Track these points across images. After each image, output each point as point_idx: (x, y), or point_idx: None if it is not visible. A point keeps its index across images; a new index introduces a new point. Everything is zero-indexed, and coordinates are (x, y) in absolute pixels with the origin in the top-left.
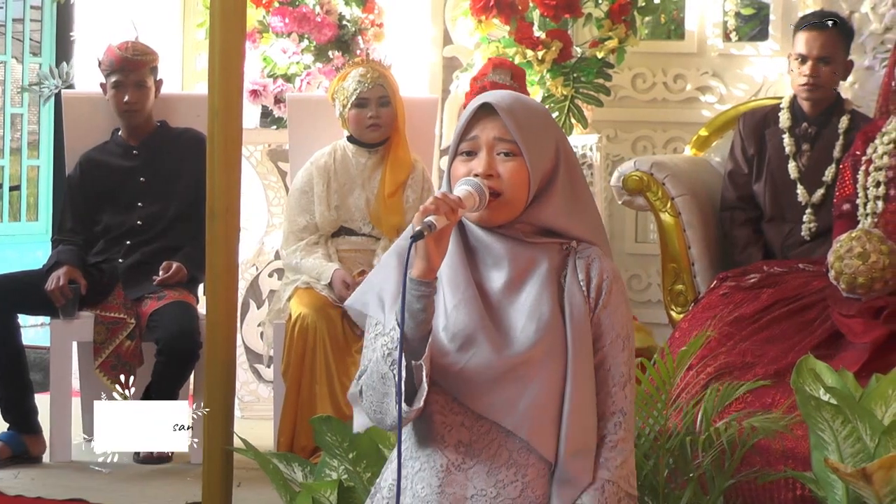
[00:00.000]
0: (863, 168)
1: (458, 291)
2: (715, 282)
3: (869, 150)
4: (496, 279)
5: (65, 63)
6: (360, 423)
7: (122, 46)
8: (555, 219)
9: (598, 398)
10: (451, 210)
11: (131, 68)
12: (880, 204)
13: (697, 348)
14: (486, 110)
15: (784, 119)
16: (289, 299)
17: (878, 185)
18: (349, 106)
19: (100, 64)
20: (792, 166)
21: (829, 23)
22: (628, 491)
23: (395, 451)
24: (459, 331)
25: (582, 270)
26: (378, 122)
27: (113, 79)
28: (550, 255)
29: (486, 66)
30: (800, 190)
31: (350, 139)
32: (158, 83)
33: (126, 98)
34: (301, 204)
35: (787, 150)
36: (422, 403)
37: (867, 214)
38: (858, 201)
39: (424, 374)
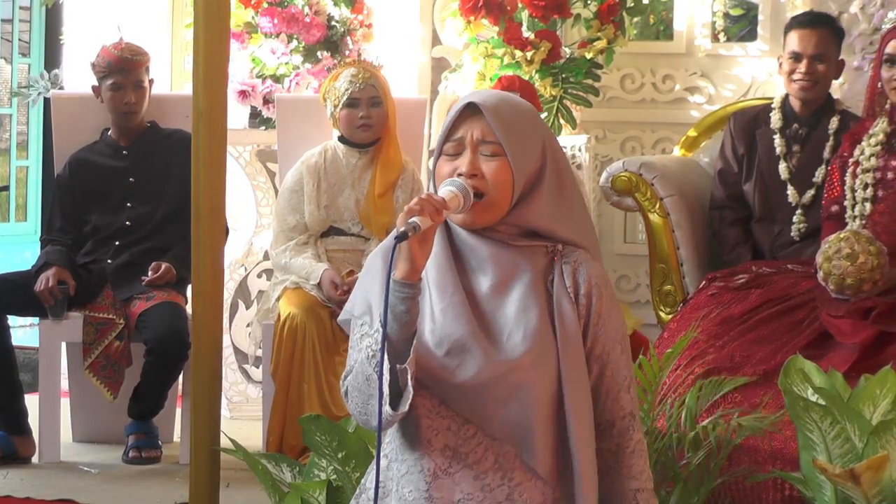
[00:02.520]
0: (850, 170)
1: (445, 295)
2: (704, 282)
3: (856, 152)
4: (482, 283)
5: (56, 71)
6: None
7: (118, 47)
8: (540, 220)
9: (606, 405)
10: (436, 211)
11: (130, 68)
12: (868, 206)
13: (682, 349)
14: (471, 110)
15: (775, 119)
16: (277, 299)
17: (865, 187)
18: (340, 106)
19: (94, 67)
20: (783, 167)
21: (822, 21)
22: (651, 490)
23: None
24: (447, 336)
25: (569, 276)
26: (369, 122)
27: (111, 80)
28: (536, 259)
29: (494, 86)
30: (790, 191)
31: (341, 139)
32: (150, 83)
33: (126, 99)
34: (291, 203)
35: (778, 150)
36: (407, 407)
37: (855, 217)
38: (846, 203)
39: (410, 377)
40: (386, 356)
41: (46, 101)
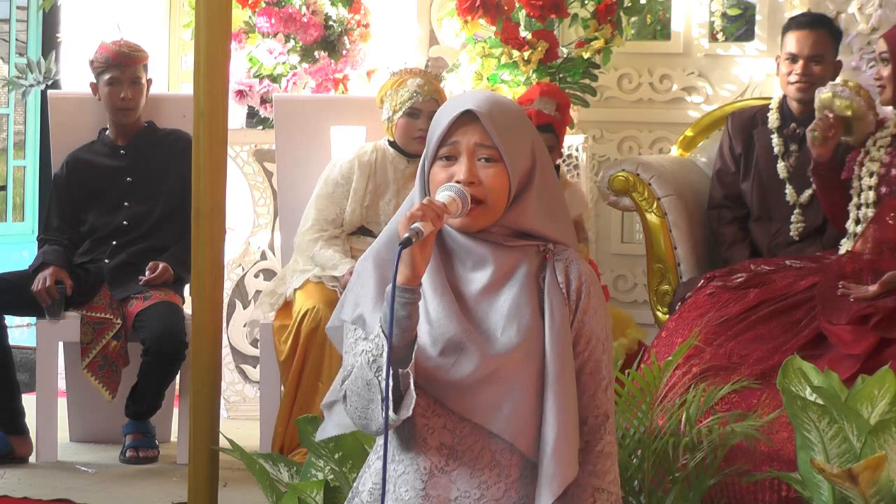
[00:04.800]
0: (859, 158)
1: (436, 295)
2: (702, 281)
3: (868, 142)
4: (476, 281)
5: (41, 59)
6: (332, 427)
7: (116, 43)
8: (533, 221)
9: (582, 402)
10: (437, 216)
11: (127, 64)
12: (871, 194)
13: (682, 356)
14: (466, 115)
15: (773, 119)
16: (298, 288)
17: (871, 174)
18: (401, 113)
19: (92, 63)
20: (781, 166)
21: (819, 23)
22: (617, 495)
23: (371, 456)
24: (441, 335)
25: (561, 273)
26: (426, 135)
27: (108, 75)
28: (529, 258)
29: (533, 90)
30: (788, 190)
31: (392, 144)
32: (149, 82)
33: (122, 94)
34: (335, 196)
35: (776, 149)
36: (410, 412)
37: (860, 205)
38: (852, 191)
39: (411, 381)
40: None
41: (44, 101)
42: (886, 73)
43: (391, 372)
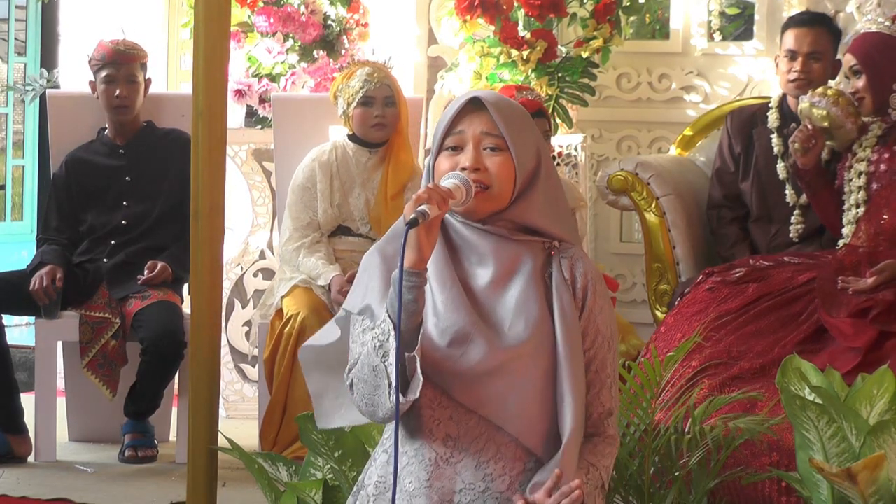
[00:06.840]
0: (847, 161)
1: (444, 289)
2: (700, 276)
3: (855, 145)
4: (482, 276)
5: (56, 70)
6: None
7: (114, 42)
8: (537, 217)
9: (587, 399)
10: (443, 200)
11: (123, 62)
12: (862, 194)
13: (684, 353)
14: (473, 105)
15: (772, 119)
16: (285, 296)
17: (859, 175)
18: (355, 104)
19: (90, 60)
20: (780, 167)
21: (817, 21)
22: (604, 483)
23: (377, 449)
24: (449, 327)
25: (567, 270)
26: (383, 121)
27: (104, 73)
28: (534, 254)
29: (507, 92)
30: (788, 191)
31: (351, 138)
32: (147, 82)
33: (117, 92)
34: (304, 200)
35: (776, 150)
36: (417, 394)
37: (851, 206)
38: (844, 196)
39: (418, 365)
40: (395, 346)
41: (43, 100)
42: (861, 83)
43: (399, 355)
